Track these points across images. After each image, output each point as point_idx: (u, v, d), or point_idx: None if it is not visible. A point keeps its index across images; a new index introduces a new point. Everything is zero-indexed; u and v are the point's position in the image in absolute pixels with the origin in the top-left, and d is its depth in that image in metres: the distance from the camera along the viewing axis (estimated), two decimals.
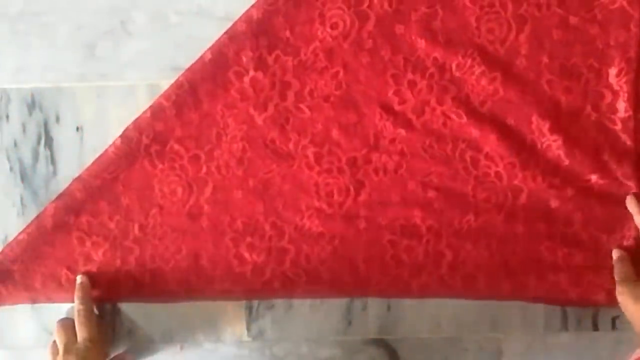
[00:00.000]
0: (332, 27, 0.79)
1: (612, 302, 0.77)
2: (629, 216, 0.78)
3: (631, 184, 0.78)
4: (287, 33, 0.79)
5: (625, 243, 0.78)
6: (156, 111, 0.78)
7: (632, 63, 0.78)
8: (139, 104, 0.79)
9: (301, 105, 0.79)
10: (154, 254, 0.79)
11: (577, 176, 0.78)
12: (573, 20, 0.78)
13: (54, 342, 0.77)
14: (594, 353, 0.82)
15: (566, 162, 0.78)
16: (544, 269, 0.79)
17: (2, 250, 0.79)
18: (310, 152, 0.79)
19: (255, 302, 0.82)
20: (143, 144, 0.79)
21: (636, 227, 0.77)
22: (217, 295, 0.80)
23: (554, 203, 0.78)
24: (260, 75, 0.79)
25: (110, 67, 0.81)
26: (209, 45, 0.78)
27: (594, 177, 0.78)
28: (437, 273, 0.79)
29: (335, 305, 0.82)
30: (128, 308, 0.81)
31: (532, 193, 0.78)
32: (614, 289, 0.77)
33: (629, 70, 0.77)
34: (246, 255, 0.79)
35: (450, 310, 0.82)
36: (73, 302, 0.79)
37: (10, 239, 0.79)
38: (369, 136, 0.79)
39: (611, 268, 0.78)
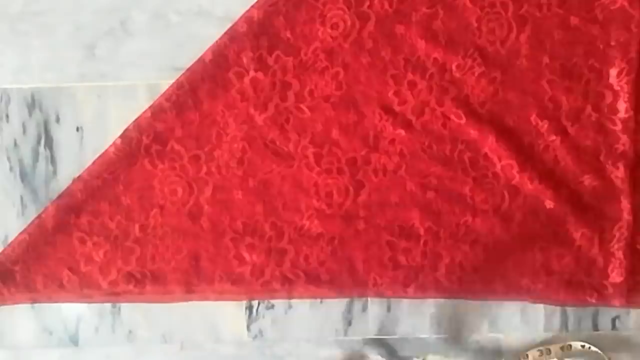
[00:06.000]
0: (332, 28, 0.79)
1: (603, 302, 0.77)
2: (619, 217, 0.78)
3: (624, 186, 0.78)
4: (288, 33, 0.79)
5: (615, 245, 0.78)
6: (156, 111, 0.78)
7: (633, 63, 0.77)
8: (139, 104, 0.79)
9: (301, 106, 0.79)
10: (154, 254, 0.79)
11: (572, 177, 0.78)
12: (574, 20, 0.78)
13: None
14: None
15: (562, 162, 0.78)
16: (537, 269, 0.79)
17: (3, 251, 0.79)
18: (310, 152, 0.79)
19: (255, 302, 0.82)
20: (143, 144, 0.79)
21: (627, 227, 0.78)
22: (217, 295, 0.80)
23: (549, 204, 0.78)
24: (260, 75, 0.79)
25: (110, 67, 0.81)
26: (209, 45, 0.78)
27: (587, 178, 0.78)
28: (434, 274, 0.79)
29: (335, 305, 0.82)
30: (128, 308, 0.82)
31: (529, 194, 0.78)
32: (605, 289, 0.77)
33: (630, 71, 0.77)
34: (246, 255, 0.79)
35: (450, 310, 0.82)
36: (74, 302, 0.79)
37: (11, 239, 0.79)
38: (369, 137, 0.79)
39: (601, 269, 0.78)
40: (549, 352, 0.79)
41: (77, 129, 0.82)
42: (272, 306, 0.82)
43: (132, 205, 0.79)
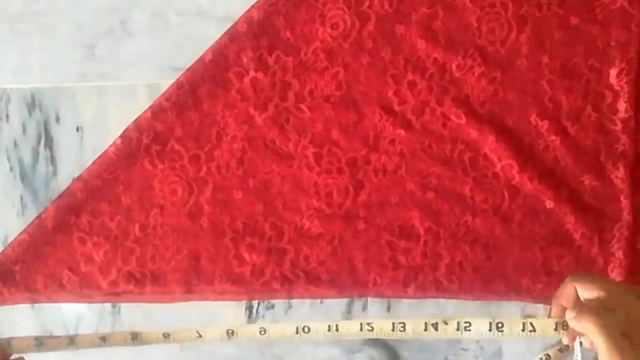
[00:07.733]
0: (332, 28, 0.79)
1: None
2: (619, 217, 0.78)
3: (624, 186, 0.78)
4: (288, 33, 0.79)
5: (615, 245, 0.78)
6: (156, 111, 0.78)
7: (633, 63, 0.77)
8: (139, 104, 0.79)
9: (301, 106, 0.79)
10: (154, 254, 0.79)
11: (572, 177, 0.78)
12: (574, 20, 0.78)
13: None
14: (594, 353, 0.82)
15: (562, 162, 0.78)
16: (537, 269, 0.79)
17: (3, 251, 0.79)
18: (310, 152, 0.79)
19: (255, 302, 0.82)
20: (143, 144, 0.79)
21: (627, 227, 0.78)
22: (217, 296, 0.80)
23: (549, 204, 0.78)
24: (260, 75, 0.79)
25: (110, 67, 0.81)
26: (209, 45, 0.78)
27: (587, 178, 0.78)
28: (434, 274, 0.79)
29: (335, 305, 0.82)
30: (128, 308, 0.82)
31: (529, 194, 0.78)
32: None
33: (630, 71, 0.77)
34: (246, 255, 0.79)
35: (450, 310, 0.82)
36: (74, 302, 0.79)
37: (11, 239, 0.79)
38: (369, 137, 0.79)
39: (601, 269, 0.78)
40: (548, 357, 0.79)
41: (77, 129, 0.82)
42: (272, 306, 0.82)
43: (132, 205, 0.79)
